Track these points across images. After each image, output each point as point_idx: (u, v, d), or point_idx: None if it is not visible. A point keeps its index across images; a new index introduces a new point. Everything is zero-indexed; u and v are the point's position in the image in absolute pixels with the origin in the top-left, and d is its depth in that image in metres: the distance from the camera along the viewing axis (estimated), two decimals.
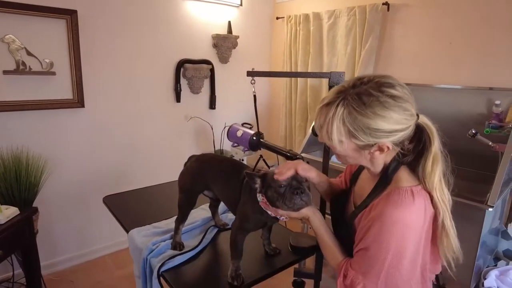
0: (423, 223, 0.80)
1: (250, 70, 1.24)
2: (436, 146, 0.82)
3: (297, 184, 0.91)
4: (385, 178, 0.85)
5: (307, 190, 0.93)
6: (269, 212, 0.99)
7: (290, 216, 0.98)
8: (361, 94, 0.77)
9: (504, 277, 1.72)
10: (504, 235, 1.98)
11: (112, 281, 2.39)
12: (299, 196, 0.90)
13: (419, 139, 0.84)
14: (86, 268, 2.53)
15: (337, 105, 0.78)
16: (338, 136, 0.79)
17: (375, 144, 0.79)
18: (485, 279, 1.73)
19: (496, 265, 1.89)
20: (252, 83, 1.21)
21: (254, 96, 1.27)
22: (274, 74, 1.69)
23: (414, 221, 0.78)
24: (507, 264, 1.92)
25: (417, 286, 0.85)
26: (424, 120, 0.84)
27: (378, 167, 0.87)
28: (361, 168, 1.03)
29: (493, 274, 1.73)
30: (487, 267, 1.85)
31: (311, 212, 0.95)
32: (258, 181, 0.97)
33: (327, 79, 1.18)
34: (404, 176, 0.84)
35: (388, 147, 0.80)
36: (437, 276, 0.98)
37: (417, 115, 0.82)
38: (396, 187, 0.82)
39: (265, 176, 0.97)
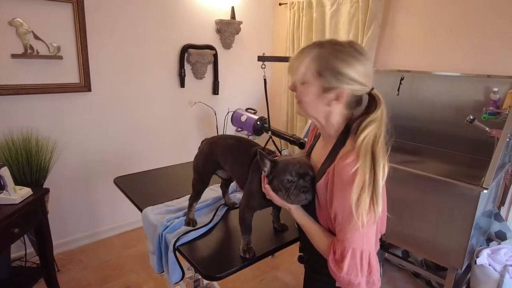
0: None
1: (259, 55, 1.28)
2: (378, 113, 0.88)
3: (304, 183, 0.95)
4: (340, 141, 0.93)
5: (311, 188, 0.96)
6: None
7: (275, 201, 1.02)
8: (336, 45, 0.89)
9: (495, 255, 1.82)
10: (497, 217, 2.07)
11: (119, 260, 2.48)
12: (304, 194, 0.95)
13: (368, 107, 0.92)
14: (94, 248, 2.62)
15: (313, 48, 0.91)
16: (305, 70, 0.91)
17: (336, 88, 0.88)
18: (478, 257, 1.82)
19: (488, 246, 1.98)
20: (262, 68, 1.25)
21: (265, 80, 1.32)
22: (285, 59, 1.69)
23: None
24: (499, 244, 2.02)
25: (376, 236, 0.94)
26: (376, 92, 0.92)
27: (331, 126, 0.94)
28: (314, 142, 1.10)
29: (485, 252, 1.83)
30: (479, 247, 1.95)
31: (293, 206, 1.00)
32: (268, 165, 1.00)
33: None
34: (352, 142, 0.92)
35: (342, 97, 0.89)
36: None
37: (372, 88, 0.91)
38: (346, 151, 0.89)
39: (276, 164, 0.99)
